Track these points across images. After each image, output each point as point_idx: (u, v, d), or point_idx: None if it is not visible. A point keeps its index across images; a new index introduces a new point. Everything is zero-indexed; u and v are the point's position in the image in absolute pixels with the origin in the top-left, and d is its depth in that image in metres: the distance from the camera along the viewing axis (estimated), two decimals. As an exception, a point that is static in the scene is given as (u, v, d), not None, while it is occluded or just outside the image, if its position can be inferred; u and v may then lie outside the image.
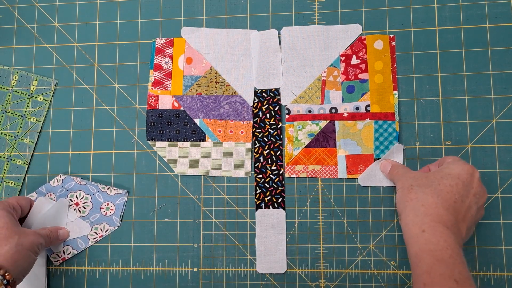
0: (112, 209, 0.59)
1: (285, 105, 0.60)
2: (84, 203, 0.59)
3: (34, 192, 0.60)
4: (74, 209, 0.59)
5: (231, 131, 0.60)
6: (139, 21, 0.63)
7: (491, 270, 0.55)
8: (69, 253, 0.59)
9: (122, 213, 0.60)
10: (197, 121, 0.60)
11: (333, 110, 0.59)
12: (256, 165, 0.59)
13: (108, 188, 0.59)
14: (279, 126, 0.59)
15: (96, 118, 0.62)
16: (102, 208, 0.59)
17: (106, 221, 0.59)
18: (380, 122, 0.57)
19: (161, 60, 0.62)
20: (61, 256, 0.59)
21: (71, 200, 0.59)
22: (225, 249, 0.58)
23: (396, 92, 0.58)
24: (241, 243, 0.58)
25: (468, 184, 0.47)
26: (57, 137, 0.62)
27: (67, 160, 0.62)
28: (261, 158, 0.59)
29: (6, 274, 0.46)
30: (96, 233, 0.59)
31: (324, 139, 0.58)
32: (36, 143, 0.62)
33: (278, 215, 0.58)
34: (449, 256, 0.43)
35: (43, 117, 0.62)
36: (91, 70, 0.63)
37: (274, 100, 0.60)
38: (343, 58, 0.59)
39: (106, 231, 0.59)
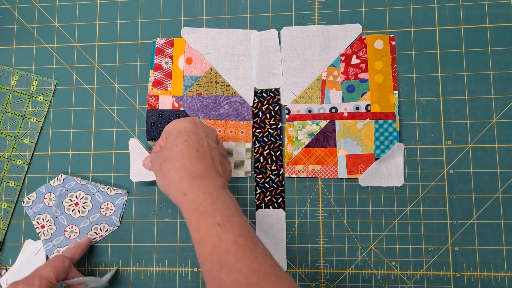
0: (111, 209, 0.59)
1: (285, 105, 0.60)
2: (84, 203, 0.59)
3: (34, 192, 0.60)
4: (74, 209, 0.59)
5: (231, 131, 0.60)
6: (139, 21, 0.63)
7: (492, 270, 0.55)
8: None
9: (122, 213, 0.60)
10: (197, 121, 0.60)
11: (333, 110, 0.59)
12: (256, 165, 0.59)
13: (108, 188, 0.59)
14: (279, 126, 0.59)
15: (96, 118, 0.62)
16: (102, 208, 0.59)
17: (106, 221, 0.59)
18: (381, 121, 0.57)
19: (161, 60, 0.62)
20: None
21: (70, 200, 0.59)
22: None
23: (396, 92, 0.58)
24: (241, 243, 0.58)
25: (197, 131, 0.49)
26: (57, 137, 0.62)
27: (67, 160, 0.61)
28: (261, 158, 0.59)
29: None
30: (96, 233, 0.59)
31: (324, 139, 0.58)
32: (36, 143, 0.62)
33: (278, 215, 0.58)
34: (210, 204, 0.42)
35: (43, 117, 0.62)
36: (91, 70, 0.63)
37: (274, 100, 0.60)
38: (343, 58, 0.59)
39: (106, 231, 0.59)
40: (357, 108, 0.58)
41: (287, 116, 0.59)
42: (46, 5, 0.65)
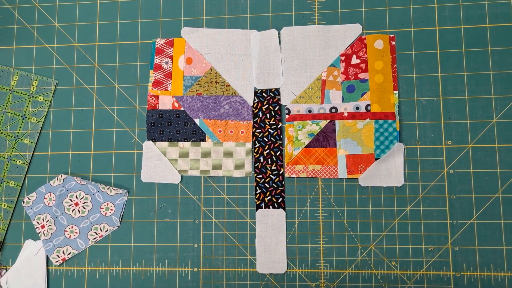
0: (111, 209, 0.59)
1: (285, 105, 0.60)
2: (84, 203, 0.59)
3: (34, 192, 0.60)
4: (74, 209, 0.59)
5: (231, 131, 0.60)
6: (139, 21, 0.63)
7: (492, 270, 0.55)
8: (69, 253, 0.59)
9: (121, 213, 0.60)
10: (197, 121, 0.60)
11: (333, 110, 0.59)
12: (256, 165, 0.59)
13: (108, 188, 0.59)
14: (279, 126, 0.59)
15: (96, 118, 0.62)
16: (102, 208, 0.59)
17: (106, 221, 0.59)
18: (381, 121, 0.57)
19: (161, 61, 0.62)
20: (61, 256, 0.59)
21: (70, 200, 0.59)
22: (225, 249, 0.58)
23: (396, 92, 0.58)
24: (241, 243, 0.58)
25: None
26: (57, 137, 0.62)
27: (67, 160, 0.62)
28: (261, 158, 0.59)
29: None
30: (96, 233, 0.59)
31: (324, 139, 0.58)
32: (36, 143, 0.62)
33: (278, 215, 0.58)
34: None
35: (43, 117, 0.62)
36: (91, 70, 0.63)
37: (274, 100, 0.60)
38: (343, 58, 0.59)
39: (106, 231, 0.59)
40: (357, 108, 0.58)
41: (287, 116, 0.59)
42: (46, 5, 0.65)
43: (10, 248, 0.61)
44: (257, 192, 0.58)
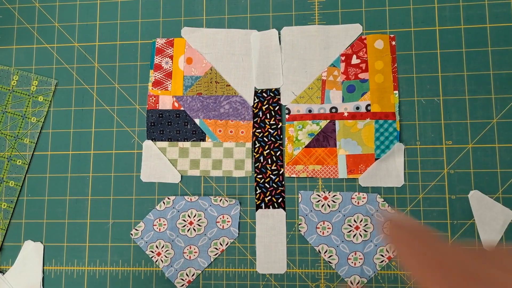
0: (228, 221, 0.57)
1: (285, 105, 0.60)
2: (198, 220, 0.57)
3: (141, 222, 0.58)
4: (189, 229, 0.58)
5: (231, 131, 0.60)
6: (139, 21, 0.63)
7: (492, 270, 0.55)
8: (193, 275, 0.57)
9: (239, 222, 0.58)
10: (197, 121, 0.60)
11: (333, 110, 0.59)
12: (256, 165, 0.59)
13: (220, 200, 0.57)
14: (279, 126, 0.59)
15: (96, 118, 0.62)
16: (218, 222, 0.57)
17: (225, 234, 0.57)
18: (381, 121, 0.57)
19: (161, 60, 0.62)
20: (186, 279, 0.57)
21: (184, 220, 0.58)
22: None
23: (396, 92, 0.58)
24: (241, 243, 0.58)
25: None
26: (57, 137, 0.62)
27: (67, 160, 0.61)
28: (261, 158, 0.59)
29: None
30: (216, 248, 0.57)
31: (324, 139, 0.58)
32: (36, 143, 0.62)
33: (278, 215, 0.58)
34: None
35: (43, 117, 0.62)
36: (91, 70, 0.63)
37: (274, 100, 0.60)
38: (343, 58, 0.59)
39: (226, 244, 0.58)
40: (357, 108, 0.58)
41: (287, 116, 0.59)
42: (46, 5, 0.65)
43: (10, 248, 0.61)
44: (257, 192, 0.58)
